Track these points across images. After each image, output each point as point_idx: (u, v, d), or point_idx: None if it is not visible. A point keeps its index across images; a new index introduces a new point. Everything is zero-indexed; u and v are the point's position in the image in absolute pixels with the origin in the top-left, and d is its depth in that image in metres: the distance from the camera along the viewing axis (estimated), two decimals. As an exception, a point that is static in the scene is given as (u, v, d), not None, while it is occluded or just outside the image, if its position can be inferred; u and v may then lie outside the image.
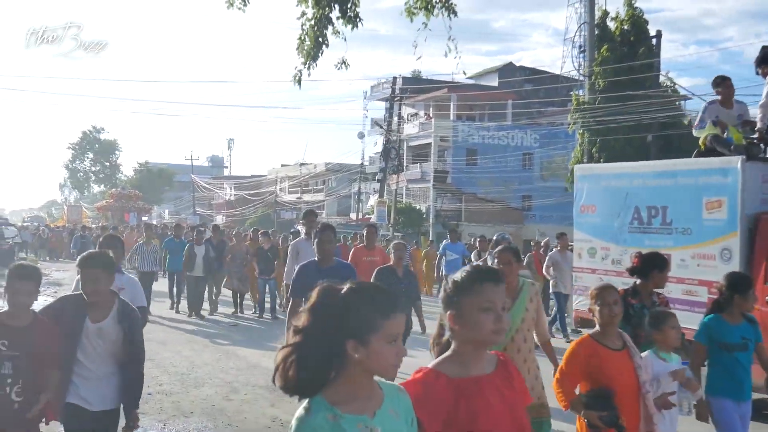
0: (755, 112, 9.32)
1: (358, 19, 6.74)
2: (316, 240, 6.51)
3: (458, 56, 7.27)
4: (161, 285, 16.66)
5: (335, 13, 6.79)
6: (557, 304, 13.78)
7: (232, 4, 7.51)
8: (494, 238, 13.32)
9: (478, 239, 16.20)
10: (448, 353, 2.57)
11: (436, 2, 6.83)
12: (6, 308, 4.24)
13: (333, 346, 2.08)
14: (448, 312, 2.53)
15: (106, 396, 4.42)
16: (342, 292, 2.14)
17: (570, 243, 12.79)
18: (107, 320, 4.32)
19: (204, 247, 15.25)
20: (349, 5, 6.68)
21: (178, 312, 15.78)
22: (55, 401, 4.26)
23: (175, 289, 16.19)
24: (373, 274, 8.34)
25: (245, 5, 7.51)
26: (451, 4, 6.79)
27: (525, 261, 15.64)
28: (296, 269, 6.65)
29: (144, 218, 48.48)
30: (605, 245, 10.27)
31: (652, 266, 5.44)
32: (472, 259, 14.00)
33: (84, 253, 4.45)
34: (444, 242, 17.33)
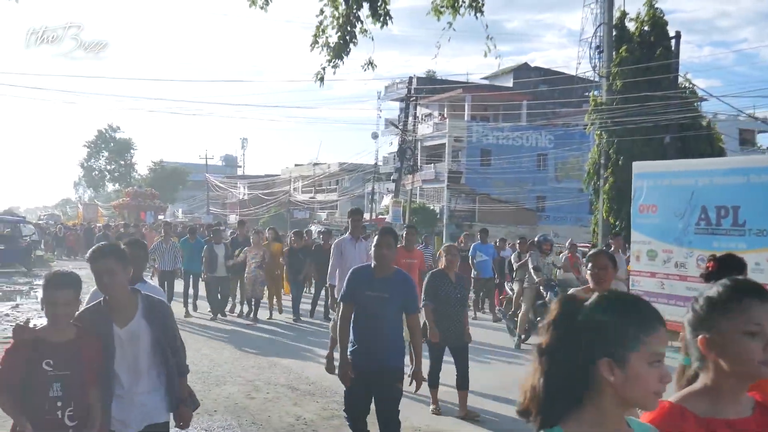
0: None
1: (388, 17, 6.72)
2: (374, 245, 5.78)
3: (498, 56, 7.23)
4: (179, 285, 16.46)
5: (364, 11, 6.75)
6: None
7: (254, 3, 7.38)
8: (536, 239, 13.26)
9: (518, 241, 15.43)
10: (696, 386, 2.12)
11: (463, 2, 6.80)
12: (46, 322, 3.84)
13: (581, 367, 1.74)
14: (700, 336, 2.07)
15: (148, 411, 4.02)
16: (592, 301, 1.80)
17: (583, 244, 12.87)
18: (135, 320, 3.91)
19: (224, 247, 15.04)
20: (379, 3, 6.64)
21: (190, 315, 15.02)
22: (105, 425, 3.84)
23: (191, 290, 15.67)
24: (426, 279, 8.01)
25: (267, 4, 7.41)
26: (480, 3, 6.76)
27: (561, 263, 15.61)
28: (349, 273, 5.99)
29: (160, 217, 48.52)
30: (667, 247, 9.84)
31: (730, 270, 5.09)
32: (513, 262, 13.59)
33: (93, 247, 4.08)
34: (473, 243, 16.79)
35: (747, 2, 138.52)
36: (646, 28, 23.66)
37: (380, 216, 47.44)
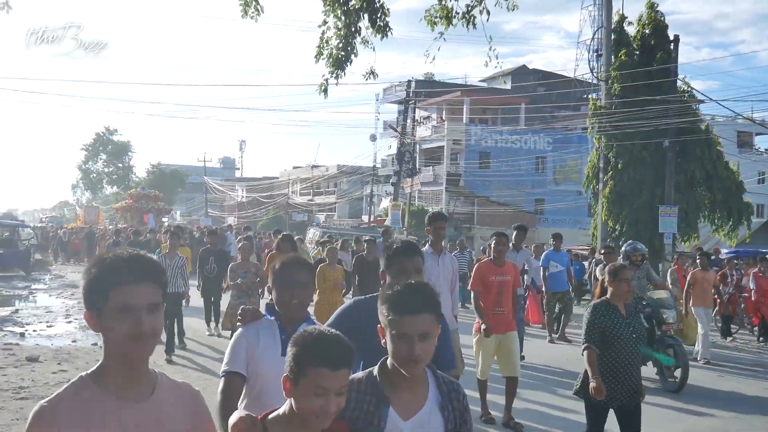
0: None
1: (388, 29, 6.78)
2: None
3: (499, 65, 7.34)
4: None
5: (364, 23, 6.81)
6: None
7: (246, 14, 7.68)
8: (624, 249, 11.23)
9: (603, 250, 12.83)
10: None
11: (455, 13, 6.88)
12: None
13: None
14: None
15: None
16: None
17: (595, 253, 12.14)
18: (427, 407, 2.42)
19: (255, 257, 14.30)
20: (378, 15, 6.71)
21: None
22: None
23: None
24: (588, 313, 5.65)
25: (259, 14, 7.69)
26: (472, 16, 6.84)
27: (668, 277, 13.85)
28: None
29: (164, 219, 48.09)
30: None
31: None
32: (597, 274, 11.25)
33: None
34: (546, 251, 14.28)
35: (745, 4, 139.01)
36: (647, 31, 23.69)
37: (379, 218, 47.47)
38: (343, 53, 6.96)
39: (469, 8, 7.08)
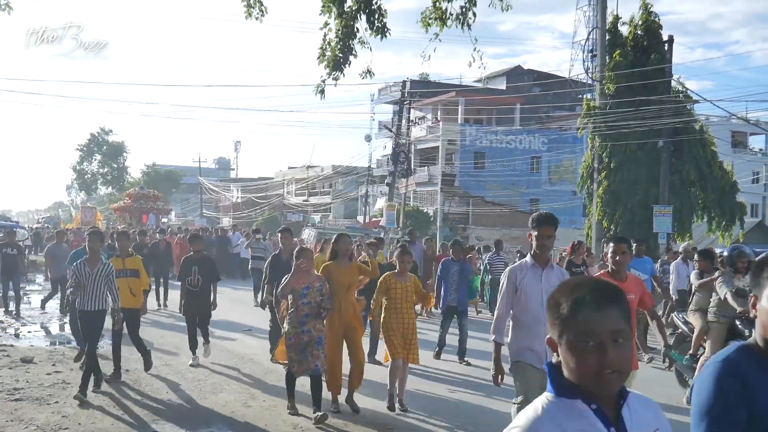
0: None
1: (385, 30, 6.81)
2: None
3: (483, 66, 7.38)
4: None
5: (362, 24, 6.84)
6: None
7: (250, 14, 7.68)
8: (727, 252, 9.52)
9: (697, 257, 10.46)
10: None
11: (449, 14, 6.92)
12: None
13: None
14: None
15: None
16: None
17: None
18: None
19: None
20: (376, 16, 6.73)
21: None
22: None
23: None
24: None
25: (263, 15, 7.71)
26: (467, 18, 6.88)
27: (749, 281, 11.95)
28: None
29: (164, 220, 47.73)
30: None
31: None
32: (692, 281, 9.68)
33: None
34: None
35: (739, 4, 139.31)
36: (639, 32, 23.75)
37: (374, 219, 47.46)
38: (341, 54, 6.98)
39: (463, 10, 7.13)
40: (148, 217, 43.41)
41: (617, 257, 6.14)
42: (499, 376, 5.45)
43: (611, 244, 6.33)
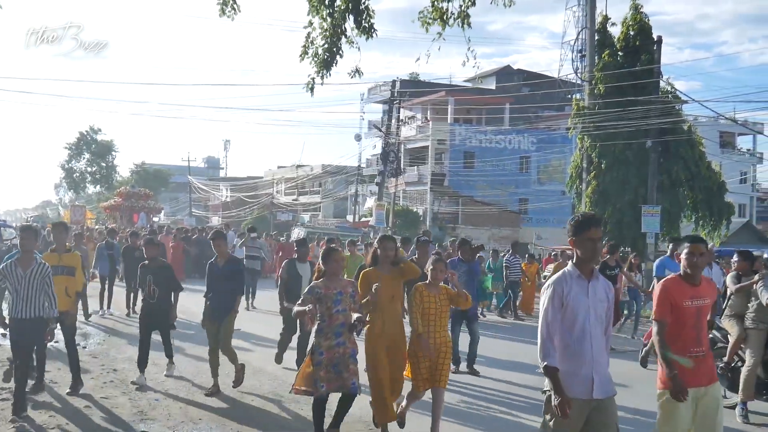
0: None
1: (373, 30, 6.84)
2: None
3: (477, 65, 7.38)
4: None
5: (349, 24, 6.87)
6: None
7: (224, 12, 7.78)
8: (766, 255, 9.24)
9: (736, 257, 9.29)
10: None
11: (451, 14, 6.94)
12: None
13: None
14: None
15: None
16: None
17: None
18: None
19: (309, 267, 10.49)
20: (364, 17, 6.76)
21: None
22: None
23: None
24: None
25: (236, 13, 7.80)
26: (468, 14, 6.89)
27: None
28: None
29: (155, 219, 47.40)
30: None
31: None
32: (729, 285, 8.91)
33: None
34: (660, 258, 12.62)
35: (727, 5, 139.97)
36: (632, 32, 23.85)
37: (364, 218, 47.47)
38: (328, 54, 7.00)
39: (463, 8, 7.14)
40: (139, 216, 43.08)
41: (695, 259, 5.32)
42: (566, 406, 4.40)
43: (686, 245, 5.49)
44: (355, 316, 6.60)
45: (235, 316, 9.04)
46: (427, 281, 7.02)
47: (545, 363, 4.49)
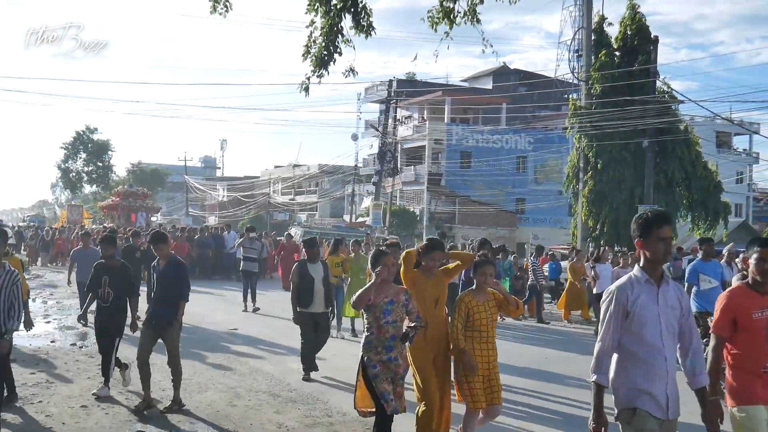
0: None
1: (371, 28, 6.84)
2: None
3: (495, 52, 7.43)
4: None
5: (347, 22, 6.87)
6: None
7: (215, 9, 7.80)
8: None
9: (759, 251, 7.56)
10: None
11: (458, 12, 6.96)
12: None
13: None
14: None
15: None
16: None
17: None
18: None
19: (321, 267, 10.16)
20: (362, 16, 6.76)
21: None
22: None
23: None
24: None
25: (227, 10, 7.82)
26: (476, 12, 6.91)
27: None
28: None
29: (153, 219, 47.13)
30: None
31: None
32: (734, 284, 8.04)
33: None
34: (691, 262, 11.66)
35: (724, 5, 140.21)
36: (629, 32, 23.88)
37: (361, 218, 47.47)
38: (326, 52, 7.00)
39: (470, 6, 7.16)
40: (137, 215, 42.79)
41: (766, 266, 4.73)
42: (603, 428, 4.08)
43: (756, 249, 4.83)
44: (405, 323, 5.93)
45: (180, 328, 8.23)
46: (473, 287, 6.45)
47: (593, 378, 4.14)
